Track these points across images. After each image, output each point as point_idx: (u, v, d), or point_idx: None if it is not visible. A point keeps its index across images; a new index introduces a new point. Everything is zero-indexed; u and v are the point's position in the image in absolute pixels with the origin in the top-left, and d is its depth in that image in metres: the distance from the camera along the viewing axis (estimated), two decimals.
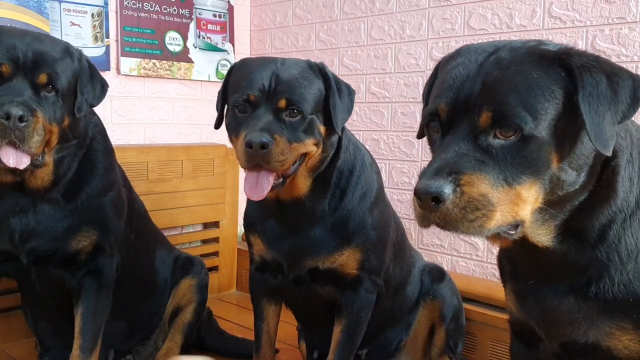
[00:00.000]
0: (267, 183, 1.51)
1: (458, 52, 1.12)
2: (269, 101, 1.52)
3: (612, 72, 1.00)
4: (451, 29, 2.41)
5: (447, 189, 0.95)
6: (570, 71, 0.99)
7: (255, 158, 1.46)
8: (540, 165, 0.99)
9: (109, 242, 1.78)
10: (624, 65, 2.07)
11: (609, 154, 0.98)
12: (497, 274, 1.38)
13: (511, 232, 1.02)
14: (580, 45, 2.09)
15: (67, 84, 1.60)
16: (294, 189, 1.64)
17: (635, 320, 1.08)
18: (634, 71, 1.99)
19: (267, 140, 1.45)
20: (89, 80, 1.69)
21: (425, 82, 2.64)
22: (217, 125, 1.71)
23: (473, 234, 0.98)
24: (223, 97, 1.67)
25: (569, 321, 1.14)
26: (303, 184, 1.64)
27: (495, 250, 1.37)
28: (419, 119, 2.51)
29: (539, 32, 2.19)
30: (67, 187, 1.69)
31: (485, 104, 0.99)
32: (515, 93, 0.98)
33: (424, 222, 1.01)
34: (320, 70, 1.62)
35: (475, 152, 0.99)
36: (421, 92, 2.50)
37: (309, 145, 1.57)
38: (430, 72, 2.69)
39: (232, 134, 1.58)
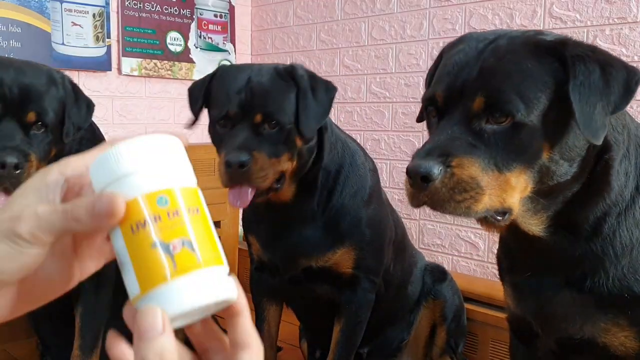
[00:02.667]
0: (249, 194, 1.51)
1: (461, 39, 1.13)
2: (246, 116, 1.51)
3: (606, 63, 1.00)
4: (452, 29, 2.41)
5: (436, 169, 0.96)
6: (563, 61, 0.99)
7: (236, 177, 1.45)
8: (531, 153, 0.99)
9: None
10: None
11: (598, 143, 0.99)
12: (498, 273, 1.39)
13: (499, 218, 1.03)
14: None
15: (55, 116, 1.55)
16: (280, 195, 1.63)
17: (630, 317, 1.07)
18: None
19: (245, 159, 1.43)
20: (74, 104, 1.63)
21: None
22: (190, 126, 1.68)
23: (460, 214, 0.99)
24: (204, 99, 1.64)
25: (564, 315, 1.14)
26: (287, 190, 1.63)
27: (496, 250, 1.38)
28: None
29: None
30: None
31: (479, 89, 1.00)
32: (509, 81, 0.99)
33: (414, 201, 1.02)
34: (290, 74, 1.57)
35: (467, 136, 1.00)
36: (422, 93, 2.50)
37: (284, 162, 1.54)
38: None
39: (217, 149, 1.59)
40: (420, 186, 0.98)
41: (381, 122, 2.68)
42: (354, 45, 2.77)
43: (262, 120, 1.50)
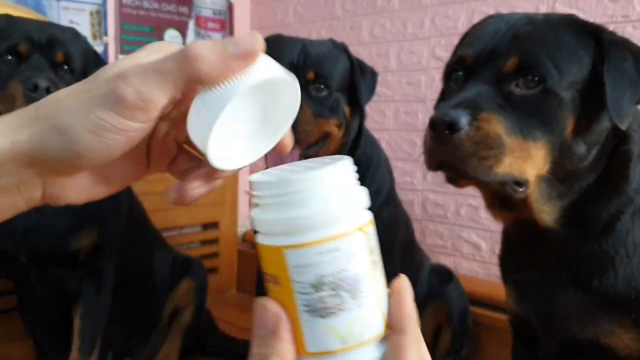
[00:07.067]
0: (290, 160, 1.50)
1: (488, 17, 1.15)
2: (297, 74, 1.53)
3: (639, 53, 1.02)
4: (454, 27, 2.39)
5: (464, 119, 0.93)
6: (600, 43, 1.01)
7: None
8: (556, 126, 0.99)
9: (109, 242, 1.76)
10: None
11: (623, 127, 0.99)
12: (500, 274, 1.37)
13: (517, 188, 1.01)
14: None
15: (81, 65, 1.62)
16: None
17: (635, 319, 1.07)
18: None
19: None
20: (94, 65, 1.70)
21: (427, 81, 2.61)
22: None
23: (481, 173, 0.95)
24: None
25: (567, 315, 1.12)
26: None
27: (498, 250, 1.36)
28: (421, 117, 2.48)
29: None
30: None
31: (513, 51, 1.00)
32: (545, 47, 1.00)
33: (432, 158, 0.99)
34: (345, 49, 1.66)
35: (496, 96, 0.99)
36: (423, 91, 2.48)
37: (332, 125, 1.58)
38: (433, 70, 2.66)
39: None
40: (443, 138, 0.94)
41: (382, 121, 2.65)
42: (354, 43, 2.74)
43: (313, 79, 1.55)
